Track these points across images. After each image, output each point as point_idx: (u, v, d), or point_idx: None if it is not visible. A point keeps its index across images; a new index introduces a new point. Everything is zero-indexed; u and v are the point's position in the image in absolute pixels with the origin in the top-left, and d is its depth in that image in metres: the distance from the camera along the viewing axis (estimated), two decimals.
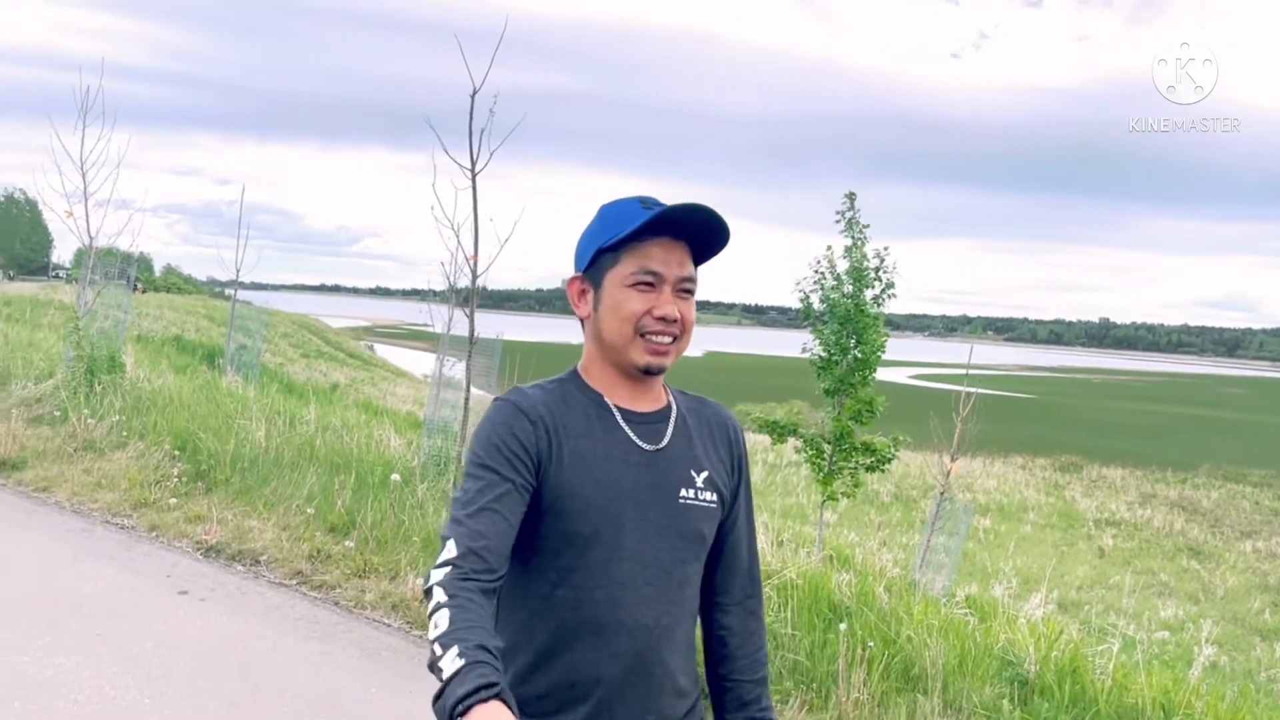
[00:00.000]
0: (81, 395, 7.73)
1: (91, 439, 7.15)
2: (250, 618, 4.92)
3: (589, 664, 1.55)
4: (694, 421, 1.69)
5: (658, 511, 1.59)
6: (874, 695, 4.45)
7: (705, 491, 1.64)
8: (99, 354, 8.53)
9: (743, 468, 1.73)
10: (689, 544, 1.62)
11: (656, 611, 1.58)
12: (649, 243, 1.56)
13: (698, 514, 1.62)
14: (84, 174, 8.69)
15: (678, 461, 1.63)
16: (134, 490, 6.37)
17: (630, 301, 1.57)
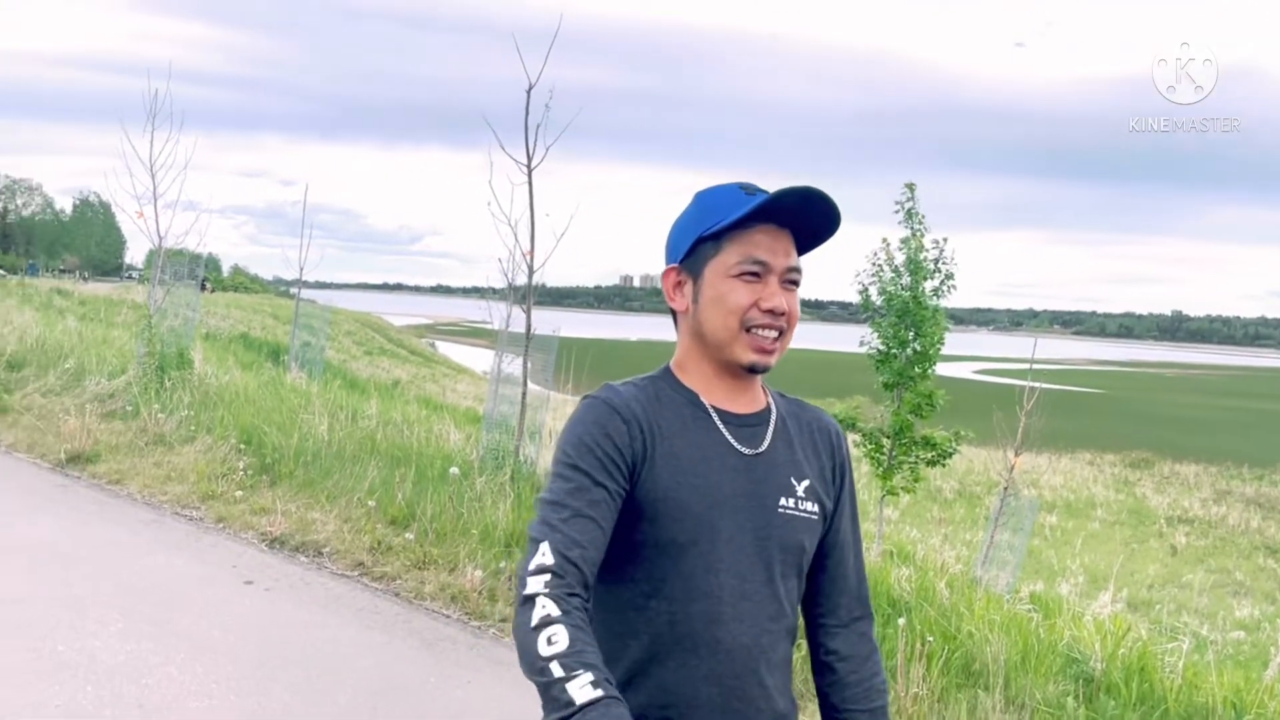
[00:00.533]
0: (152, 391, 7.95)
1: (161, 433, 7.35)
2: (313, 607, 5.02)
3: (684, 683, 1.44)
4: (794, 425, 1.58)
5: (757, 521, 1.47)
6: (933, 691, 4.39)
7: (806, 501, 1.52)
8: (169, 351, 8.76)
9: (845, 476, 1.61)
10: (790, 557, 1.50)
11: (756, 629, 1.47)
12: (754, 230, 1.46)
13: (799, 525, 1.51)
14: (153, 176, 8.94)
15: (778, 468, 1.52)
16: (202, 483, 6.54)
17: (735, 293, 1.47)
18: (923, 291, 7.41)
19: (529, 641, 1.23)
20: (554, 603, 1.25)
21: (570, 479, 1.38)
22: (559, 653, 1.20)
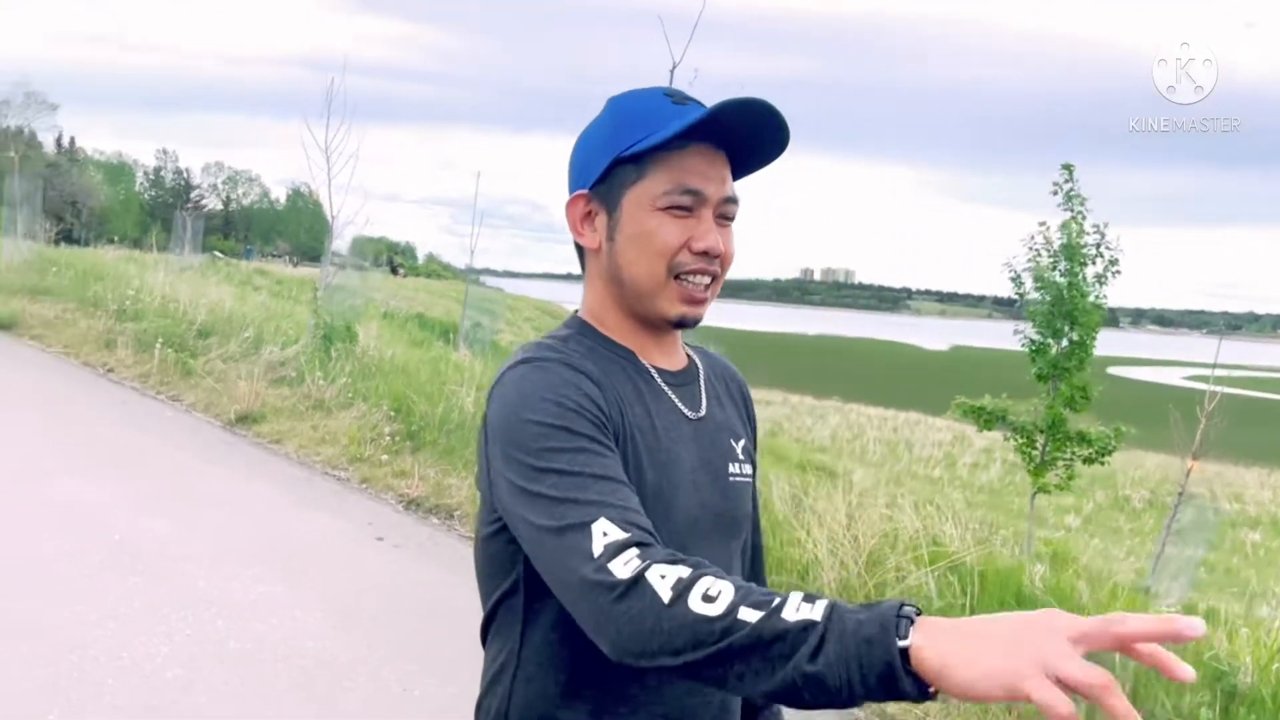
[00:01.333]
0: (317, 360, 8.49)
1: (322, 399, 7.84)
2: (437, 565, 5.24)
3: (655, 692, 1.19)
4: (714, 378, 1.37)
5: (713, 493, 1.25)
6: None
7: (745, 464, 1.32)
8: (337, 325, 9.32)
9: (756, 433, 1.41)
10: (741, 530, 1.32)
11: None
12: (687, 151, 1.18)
13: (744, 492, 1.31)
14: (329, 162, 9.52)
15: (720, 431, 1.30)
16: (352, 446, 6.93)
17: (663, 230, 1.19)
18: (1081, 279, 6.96)
19: (677, 620, 0.90)
20: (671, 565, 0.93)
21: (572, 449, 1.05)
22: (734, 600, 0.88)
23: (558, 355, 1.15)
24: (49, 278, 12.16)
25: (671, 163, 1.16)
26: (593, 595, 0.94)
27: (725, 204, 1.19)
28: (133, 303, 10.47)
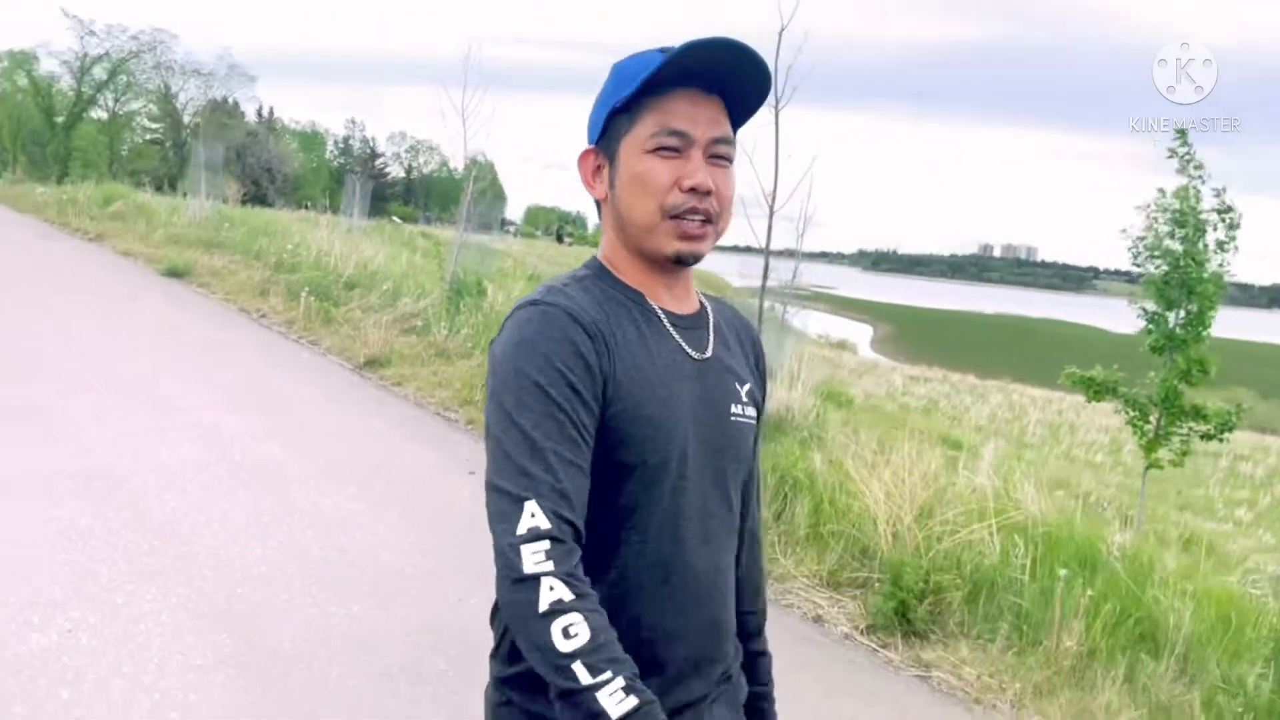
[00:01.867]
0: (445, 312, 9.05)
1: (445, 348, 8.37)
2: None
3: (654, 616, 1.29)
4: (724, 324, 1.45)
5: (714, 431, 1.33)
6: (1092, 647, 4.12)
7: (749, 406, 1.40)
8: (469, 280, 9.87)
9: (765, 379, 1.51)
10: (741, 468, 1.40)
11: (719, 551, 1.36)
12: (672, 95, 1.25)
13: (746, 432, 1.39)
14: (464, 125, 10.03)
15: (725, 373, 1.38)
16: (464, 390, 7.41)
17: (653, 172, 1.26)
18: (1201, 248, 6.59)
19: (538, 631, 1.07)
20: (563, 583, 1.08)
21: (542, 413, 1.16)
22: (581, 648, 1.05)
23: (565, 302, 1.22)
24: (223, 233, 13.36)
25: (658, 108, 1.24)
26: (501, 564, 1.12)
27: (715, 144, 1.26)
28: (290, 256, 11.40)
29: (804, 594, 4.77)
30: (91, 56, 48.92)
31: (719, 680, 1.39)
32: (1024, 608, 4.37)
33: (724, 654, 1.39)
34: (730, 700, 1.43)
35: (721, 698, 1.40)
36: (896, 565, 4.56)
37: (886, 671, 4.16)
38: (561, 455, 1.14)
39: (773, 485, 5.52)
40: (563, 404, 1.15)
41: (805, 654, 4.19)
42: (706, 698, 1.36)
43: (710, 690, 1.37)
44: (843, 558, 4.94)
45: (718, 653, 1.37)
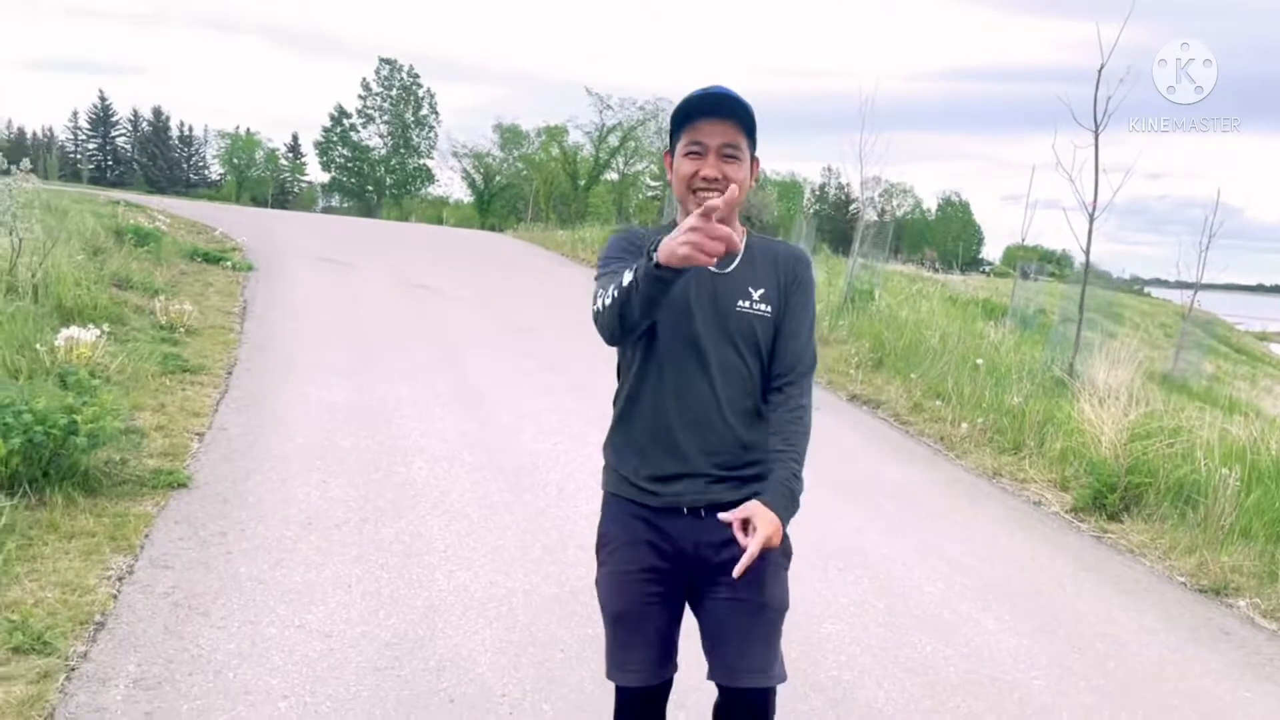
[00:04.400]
0: (835, 311, 11.39)
1: (830, 338, 10.71)
2: (845, 429, 7.78)
3: (666, 414, 2.10)
4: (762, 254, 2.17)
5: (721, 314, 2.09)
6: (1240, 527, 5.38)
7: (760, 304, 2.12)
8: (862, 288, 12.11)
9: (797, 288, 2.17)
10: (746, 338, 2.11)
11: (717, 381, 2.09)
12: (699, 121, 2.04)
13: (752, 318, 2.11)
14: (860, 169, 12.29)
15: (739, 281, 2.12)
16: (838, 366, 9.68)
17: (683, 166, 2.06)
18: None
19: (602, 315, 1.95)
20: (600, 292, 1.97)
21: (608, 261, 2.10)
22: (609, 294, 1.91)
23: (629, 234, 2.20)
24: None
25: (691, 129, 2.06)
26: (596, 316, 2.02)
27: (725, 148, 2.04)
28: None
29: (1035, 489, 6.44)
30: (608, 127, 57.97)
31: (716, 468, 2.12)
32: (1197, 501, 5.69)
33: (726, 450, 2.11)
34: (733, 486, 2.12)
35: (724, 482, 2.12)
36: (1100, 468, 6.09)
37: (1075, 534, 5.76)
38: (618, 269, 2.00)
39: (1040, 423, 7.17)
40: (618, 256, 2.12)
41: (1023, 522, 5.95)
42: (705, 475, 2.11)
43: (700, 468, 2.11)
44: (1074, 470, 6.49)
45: (714, 445, 2.11)
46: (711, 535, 2.08)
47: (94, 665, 3.23)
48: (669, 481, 2.11)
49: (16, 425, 4.26)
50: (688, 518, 2.11)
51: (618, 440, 2.20)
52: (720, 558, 2.08)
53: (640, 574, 2.14)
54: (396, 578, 4.11)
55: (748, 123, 2.07)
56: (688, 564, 2.13)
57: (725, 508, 2.00)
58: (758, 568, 1.96)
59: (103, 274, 8.99)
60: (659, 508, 2.12)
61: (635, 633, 2.18)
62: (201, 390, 6.65)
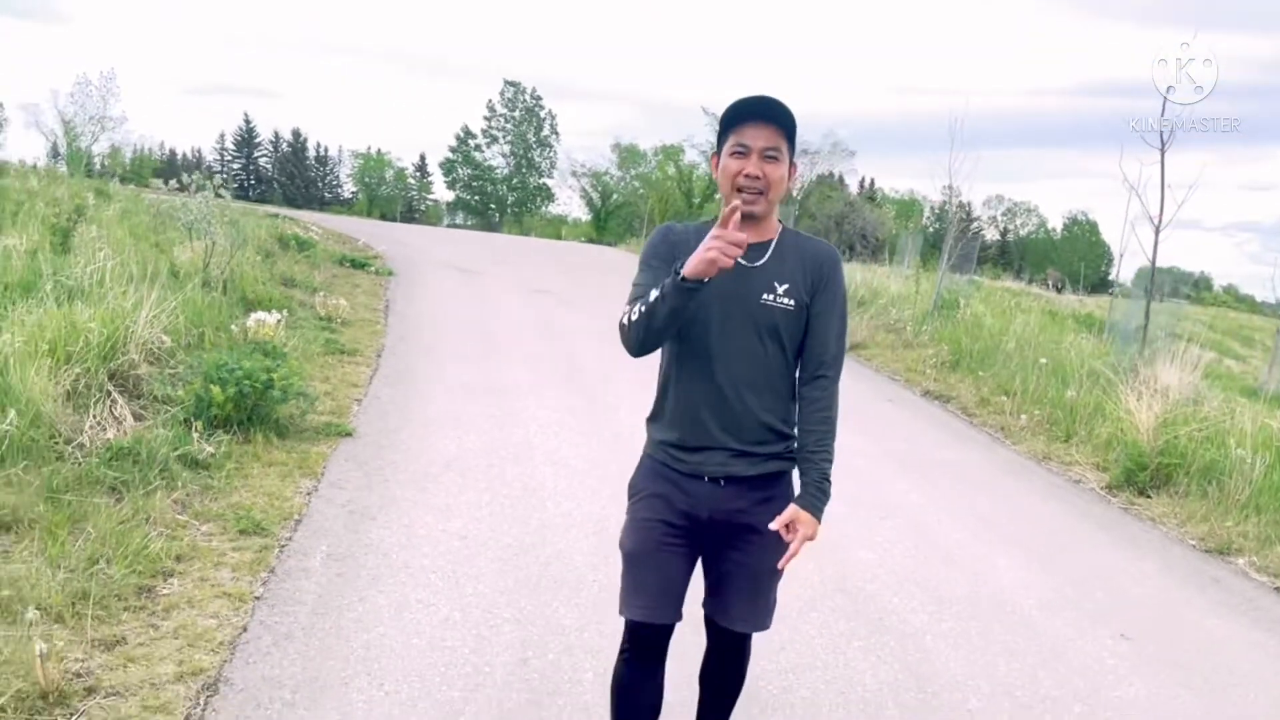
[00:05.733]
0: (921, 318, 12.12)
1: (913, 341, 11.46)
2: (920, 421, 8.58)
3: (693, 394, 2.33)
4: (793, 251, 2.35)
5: (747, 306, 2.29)
6: (1253, 502, 6.03)
7: (784, 298, 2.30)
8: (949, 298, 12.80)
9: (825, 285, 2.35)
10: (768, 330, 2.30)
11: (737, 365, 2.30)
12: (744, 124, 2.24)
13: (775, 311, 2.30)
14: (949, 189, 13.00)
15: (766, 275, 2.31)
16: (916, 366, 10.46)
17: (729, 165, 2.26)
18: None
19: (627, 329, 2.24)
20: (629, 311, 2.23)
21: (643, 270, 2.34)
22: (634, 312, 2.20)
23: (666, 230, 2.41)
24: None
25: (736, 131, 2.27)
26: None
27: (765, 150, 2.24)
28: None
29: (1077, 470, 7.16)
30: None
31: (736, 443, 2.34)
32: (1223, 481, 6.35)
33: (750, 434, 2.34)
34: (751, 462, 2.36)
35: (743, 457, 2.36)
36: (1133, 449, 6.79)
37: (1104, 505, 6.50)
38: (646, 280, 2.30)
39: (1090, 414, 7.87)
40: (649, 263, 2.36)
41: (1058, 494, 6.71)
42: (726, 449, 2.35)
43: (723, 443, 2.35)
44: (1116, 455, 7.19)
45: (739, 428, 2.34)
46: (728, 504, 2.37)
47: (297, 544, 4.42)
48: (695, 451, 2.37)
49: (230, 379, 5.53)
50: (709, 485, 2.37)
51: (655, 416, 2.47)
52: (733, 522, 2.38)
53: (658, 523, 2.39)
54: (516, 504, 5.21)
55: (789, 128, 2.27)
56: (703, 525, 2.39)
57: (742, 481, 2.35)
58: (770, 539, 2.31)
59: (273, 273, 10.53)
60: (685, 473, 2.38)
61: (647, 574, 2.42)
62: (357, 368, 7.96)
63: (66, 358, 5.28)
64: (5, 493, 4.14)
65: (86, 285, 6.48)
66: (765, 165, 2.25)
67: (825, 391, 2.38)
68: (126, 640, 3.42)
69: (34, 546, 3.82)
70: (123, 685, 3.14)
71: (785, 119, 2.26)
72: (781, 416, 2.37)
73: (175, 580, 3.91)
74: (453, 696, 3.31)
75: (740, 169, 2.25)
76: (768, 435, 2.36)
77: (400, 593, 4.05)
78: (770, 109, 2.25)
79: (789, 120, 2.26)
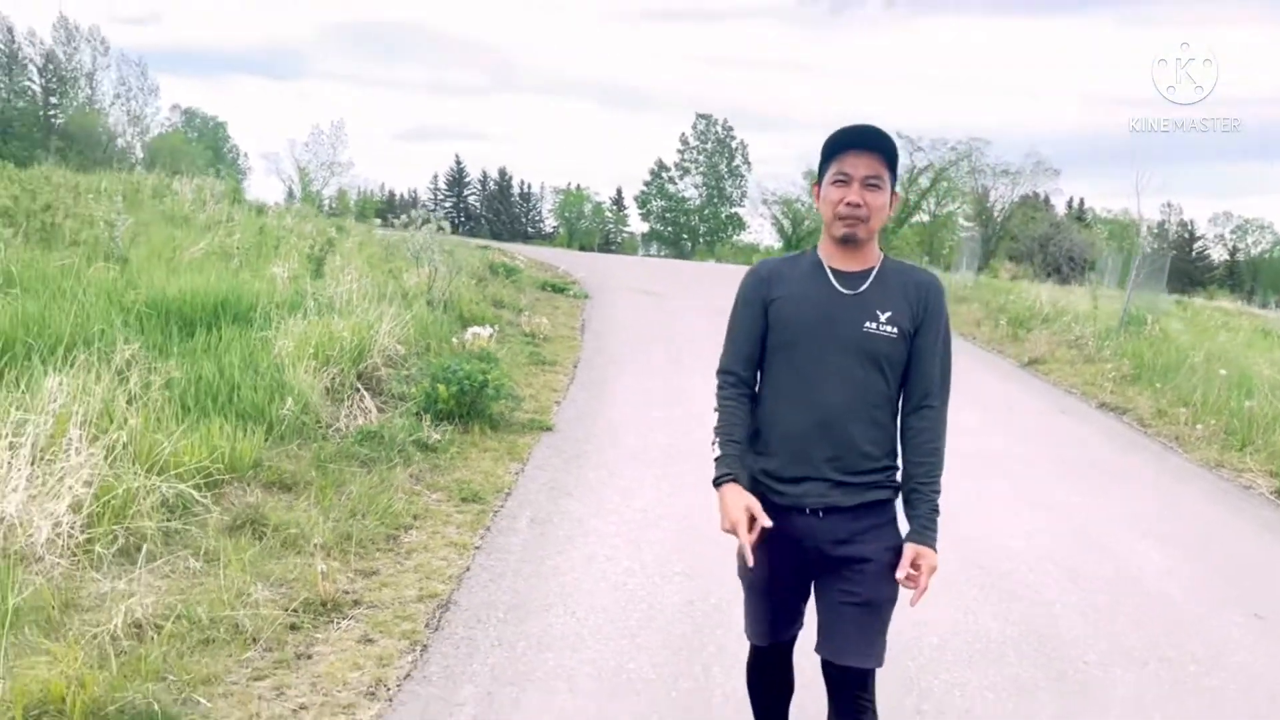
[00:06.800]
0: (1105, 334, 12.06)
1: (1095, 356, 11.43)
2: (1081, 424, 8.74)
3: (794, 423, 2.34)
4: (895, 279, 2.36)
5: (850, 334, 2.30)
6: None
7: (887, 326, 2.30)
8: (1137, 314, 12.64)
9: (927, 313, 2.35)
10: (868, 357, 2.30)
11: (839, 395, 2.30)
12: (845, 153, 2.28)
13: (878, 339, 2.30)
14: (1138, 204, 12.83)
15: (868, 303, 2.31)
16: (1095, 379, 10.50)
17: (830, 194, 2.30)
18: None
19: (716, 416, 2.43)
20: (716, 399, 2.41)
21: (736, 308, 2.46)
22: (714, 428, 2.41)
23: (758, 269, 2.48)
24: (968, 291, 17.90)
25: (838, 160, 2.32)
26: None
27: (867, 178, 2.28)
28: (1012, 303, 15.34)
29: (1249, 477, 7.22)
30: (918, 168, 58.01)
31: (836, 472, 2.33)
32: None
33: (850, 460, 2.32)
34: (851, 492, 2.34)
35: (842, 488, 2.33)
36: None
37: (1271, 507, 6.58)
38: (737, 330, 2.46)
39: (1269, 424, 7.85)
40: (746, 303, 2.45)
41: (1221, 496, 6.85)
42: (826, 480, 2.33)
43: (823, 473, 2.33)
44: None
45: (839, 454, 2.32)
46: (830, 535, 2.35)
47: (507, 510, 5.33)
48: (794, 483, 2.35)
49: (453, 379, 6.57)
50: (809, 517, 2.35)
51: (754, 441, 2.46)
52: (837, 554, 2.36)
53: (768, 553, 2.37)
54: (689, 488, 5.95)
55: (890, 156, 2.29)
56: (808, 557, 2.39)
57: (844, 511, 2.34)
58: (875, 570, 2.33)
59: (485, 295, 11.81)
60: (784, 506, 2.35)
61: (763, 602, 2.53)
62: (556, 376, 8.97)
63: (326, 360, 6.47)
64: (288, 462, 5.26)
65: (338, 303, 7.76)
66: (866, 193, 2.28)
67: (931, 421, 2.37)
68: (379, 572, 4.38)
69: (310, 501, 4.88)
70: (379, 601, 4.08)
71: (887, 148, 2.29)
72: (883, 446, 2.36)
73: (414, 532, 4.89)
74: (630, 624, 4.07)
75: (841, 197, 2.29)
76: (868, 464, 2.34)
77: (589, 549, 4.87)
78: (872, 137, 2.29)
79: (891, 149, 2.30)
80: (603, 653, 3.81)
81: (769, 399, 2.41)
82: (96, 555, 3.93)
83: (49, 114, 53.30)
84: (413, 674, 3.54)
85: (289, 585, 4.03)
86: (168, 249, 10.04)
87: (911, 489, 2.35)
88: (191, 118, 66.49)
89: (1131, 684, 3.87)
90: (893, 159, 2.30)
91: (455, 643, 3.81)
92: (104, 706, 2.99)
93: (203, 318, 6.89)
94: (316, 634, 3.75)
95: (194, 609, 3.64)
